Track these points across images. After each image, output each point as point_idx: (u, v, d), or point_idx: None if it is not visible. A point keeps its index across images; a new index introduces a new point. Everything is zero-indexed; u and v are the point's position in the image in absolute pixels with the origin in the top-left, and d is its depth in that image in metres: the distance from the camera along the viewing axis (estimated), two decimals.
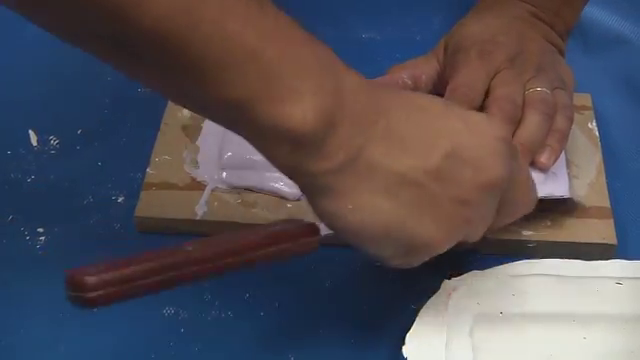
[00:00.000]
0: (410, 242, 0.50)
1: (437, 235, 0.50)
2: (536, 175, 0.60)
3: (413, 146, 0.49)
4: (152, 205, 0.64)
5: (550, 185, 0.62)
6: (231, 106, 0.45)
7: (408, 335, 0.54)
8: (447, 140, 0.50)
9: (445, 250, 0.51)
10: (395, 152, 0.48)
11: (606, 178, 0.66)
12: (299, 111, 0.45)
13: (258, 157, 0.64)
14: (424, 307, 0.55)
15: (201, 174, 0.66)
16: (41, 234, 0.63)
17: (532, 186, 0.56)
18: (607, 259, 0.60)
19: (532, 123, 0.62)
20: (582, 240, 0.63)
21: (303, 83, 0.45)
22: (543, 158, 0.62)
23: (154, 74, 0.45)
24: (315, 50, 0.48)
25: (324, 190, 0.48)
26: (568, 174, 0.64)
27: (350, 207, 0.48)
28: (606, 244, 0.62)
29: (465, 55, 0.65)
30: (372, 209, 0.48)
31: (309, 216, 0.63)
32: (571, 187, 0.63)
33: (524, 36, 0.67)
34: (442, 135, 0.50)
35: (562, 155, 0.64)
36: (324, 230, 0.51)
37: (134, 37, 0.43)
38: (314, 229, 0.51)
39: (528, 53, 0.66)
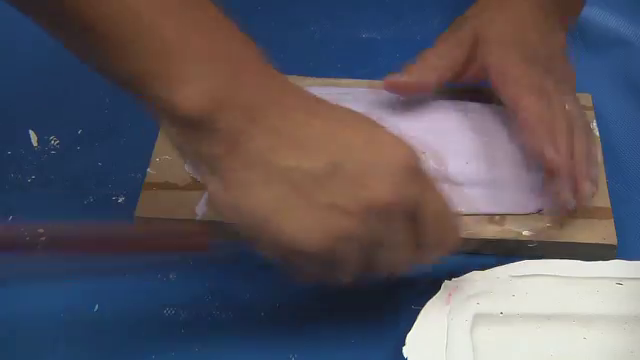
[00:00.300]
0: (277, 236, 0.50)
1: (304, 236, 0.49)
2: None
3: (301, 147, 0.49)
4: (152, 205, 0.64)
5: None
6: (130, 80, 0.47)
7: (408, 335, 0.54)
8: (339, 150, 0.50)
9: (316, 254, 0.50)
10: (281, 149, 0.49)
11: (606, 178, 0.66)
12: (188, 93, 0.47)
13: None
14: (424, 307, 0.55)
15: None
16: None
17: (450, 221, 0.54)
18: (607, 259, 0.60)
19: (577, 152, 0.62)
20: (582, 240, 0.63)
21: (197, 67, 0.47)
22: (588, 189, 0.62)
23: (71, 44, 0.49)
24: (223, 39, 0.49)
25: (208, 170, 0.50)
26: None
27: (229, 190, 0.49)
28: (606, 244, 0.62)
29: (513, 67, 0.64)
30: (248, 196, 0.49)
31: None
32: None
33: (547, 31, 0.66)
34: (336, 144, 0.50)
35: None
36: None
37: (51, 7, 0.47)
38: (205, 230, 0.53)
39: (552, 55, 0.65)
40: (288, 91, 0.51)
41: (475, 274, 0.58)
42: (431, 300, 0.56)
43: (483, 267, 0.58)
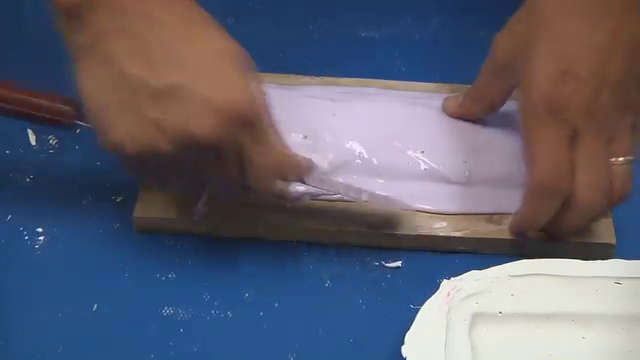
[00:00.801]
0: (105, 132, 0.55)
1: (123, 136, 0.54)
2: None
3: (151, 61, 0.53)
4: (151, 205, 0.64)
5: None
6: None
7: (407, 335, 0.54)
8: (185, 76, 0.53)
9: (130, 158, 0.55)
10: (133, 56, 0.53)
11: None
12: None
13: None
14: (423, 307, 0.55)
15: None
16: (40, 234, 0.63)
17: (274, 171, 0.57)
18: (606, 259, 0.60)
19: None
20: (581, 240, 0.63)
21: None
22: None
23: None
24: None
25: (75, 57, 0.55)
26: None
27: (83, 80, 0.55)
28: (605, 244, 0.62)
29: (534, 110, 0.58)
30: (93, 87, 0.54)
31: (308, 215, 0.63)
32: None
33: (609, 57, 0.57)
34: (184, 70, 0.53)
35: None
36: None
37: None
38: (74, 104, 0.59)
39: (610, 91, 0.57)
40: (163, 4, 0.54)
41: (474, 273, 0.57)
42: (430, 299, 0.56)
43: (482, 266, 0.58)
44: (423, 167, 0.65)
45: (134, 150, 0.54)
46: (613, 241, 0.62)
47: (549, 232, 0.62)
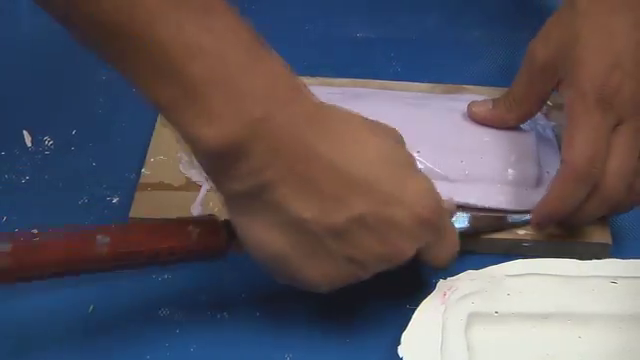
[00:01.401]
0: (292, 276, 0.53)
1: (319, 280, 0.52)
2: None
3: (323, 199, 0.49)
4: (147, 206, 0.64)
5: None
6: (161, 108, 0.48)
7: (404, 335, 0.54)
8: (362, 203, 0.50)
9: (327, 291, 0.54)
10: (302, 198, 0.49)
11: None
12: (211, 132, 0.47)
13: None
14: (419, 307, 0.55)
15: (196, 174, 0.66)
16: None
17: (449, 253, 0.56)
18: (602, 258, 0.60)
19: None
20: (577, 239, 0.63)
21: (224, 106, 0.47)
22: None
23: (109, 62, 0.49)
24: (259, 73, 0.48)
25: (232, 204, 0.51)
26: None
27: (250, 228, 0.51)
28: (601, 243, 0.63)
29: (583, 99, 0.59)
30: (266, 238, 0.51)
31: None
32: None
33: None
34: (359, 196, 0.50)
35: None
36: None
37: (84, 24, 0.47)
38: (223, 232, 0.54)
39: None
40: (316, 127, 0.50)
41: (470, 273, 0.58)
42: (426, 299, 0.56)
43: (478, 266, 0.58)
44: (419, 167, 0.65)
45: (331, 287, 0.53)
46: (609, 241, 0.62)
47: (567, 219, 0.62)
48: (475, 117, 0.67)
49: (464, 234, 0.60)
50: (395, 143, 0.54)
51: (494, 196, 0.64)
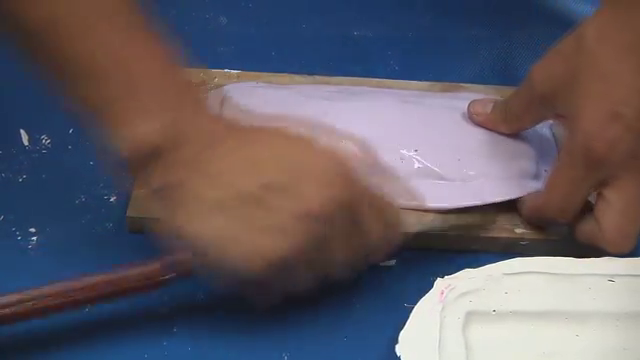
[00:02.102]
0: (221, 265, 0.53)
1: (246, 263, 0.52)
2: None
3: (230, 177, 0.53)
4: (144, 205, 0.63)
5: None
6: (85, 112, 0.54)
7: (401, 333, 0.54)
8: (267, 170, 0.53)
9: (262, 277, 0.53)
10: (206, 181, 0.53)
11: None
12: (128, 132, 0.52)
13: None
14: (417, 305, 0.55)
15: None
16: (33, 234, 0.63)
17: (389, 217, 0.57)
18: (599, 256, 0.60)
19: None
20: (575, 238, 0.63)
21: (139, 112, 0.52)
22: None
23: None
24: (171, 81, 0.54)
25: (159, 204, 0.54)
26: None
27: (176, 220, 0.53)
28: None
29: (571, 147, 0.58)
30: (191, 227, 0.53)
31: None
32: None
33: None
34: (263, 166, 0.53)
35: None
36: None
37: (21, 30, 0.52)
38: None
39: None
40: (218, 123, 0.55)
41: (467, 272, 0.57)
42: (423, 298, 0.56)
43: (475, 265, 0.58)
44: (417, 165, 0.65)
45: (259, 268, 0.53)
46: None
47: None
48: (473, 117, 0.67)
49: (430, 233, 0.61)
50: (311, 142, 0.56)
51: (491, 194, 0.64)
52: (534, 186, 0.63)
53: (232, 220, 0.52)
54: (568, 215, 0.60)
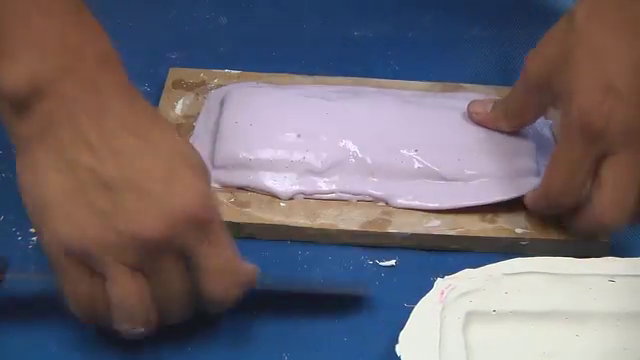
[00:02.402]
0: (49, 225, 0.51)
1: (69, 230, 0.50)
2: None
3: (102, 150, 0.50)
4: None
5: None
6: None
7: (401, 334, 0.54)
8: (137, 171, 0.50)
9: (75, 253, 0.51)
10: (83, 147, 0.50)
11: None
12: (13, 73, 0.50)
13: (251, 156, 0.65)
14: (417, 305, 0.55)
15: None
16: (33, 234, 0.63)
17: (227, 280, 0.53)
18: (600, 256, 0.60)
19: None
20: (575, 237, 0.63)
21: (28, 50, 0.50)
22: None
23: None
24: (70, 28, 0.51)
25: (19, 151, 0.52)
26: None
27: (27, 171, 0.52)
28: (599, 241, 0.63)
29: (567, 125, 0.58)
30: (39, 181, 0.51)
31: (301, 215, 0.63)
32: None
33: None
34: (136, 165, 0.50)
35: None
36: None
37: None
38: None
39: None
40: (116, 97, 0.52)
41: (468, 272, 0.57)
42: (424, 298, 0.56)
43: (476, 265, 0.58)
44: (417, 165, 0.65)
45: (81, 245, 0.50)
46: (607, 238, 0.62)
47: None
48: (473, 117, 0.67)
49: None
50: (188, 150, 0.54)
51: (492, 194, 0.64)
52: (535, 184, 0.63)
53: (79, 188, 0.50)
54: (572, 197, 0.59)
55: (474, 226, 0.63)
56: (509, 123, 0.66)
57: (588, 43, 0.58)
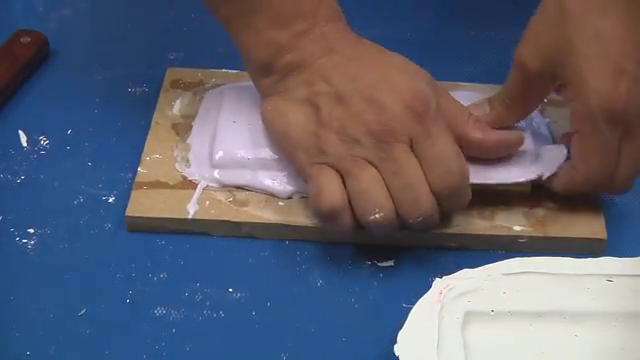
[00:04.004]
0: (283, 138, 0.62)
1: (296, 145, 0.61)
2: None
3: (332, 80, 0.60)
4: (143, 204, 0.63)
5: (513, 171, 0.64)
6: (223, 22, 0.63)
7: (400, 333, 0.54)
8: (366, 79, 0.60)
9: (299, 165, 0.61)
10: (317, 81, 0.61)
11: None
12: (257, 45, 0.62)
13: (249, 155, 0.65)
14: (416, 305, 0.55)
15: (192, 173, 0.66)
16: (31, 235, 0.63)
17: (449, 165, 0.59)
18: (597, 254, 0.60)
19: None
20: (572, 235, 0.63)
21: (268, 25, 0.61)
22: None
23: None
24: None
25: (266, 93, 0.63)
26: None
27: (277, 103, 0.62)
28: (596, 239, 0.63)
29: (587, 112, 0.59)
30: (288, 108, 0.61)
31: (300, 214, 0.63)
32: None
33: None
34: (366, 74, 0.60)
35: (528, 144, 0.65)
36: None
37: None
38: None
39: None
40: (341, 41, 0.62)
41: (466, 272, 0.57)
42: (422, 298, 0.56)
43: (474, 265, 0.58)
44: None
45: (304, 157, 0.61)
46: (604, 236, 0.63)
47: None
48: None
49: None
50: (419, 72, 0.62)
51: (494, 175, 0.63)
52: (535, 171, 0.63)
53: (300, 121, 0.60)
54: (611, 177, 0.61)
55: (472, 224, 0.63)
56: (512, 116, 0.65)
57: (588, 27, 0.59)
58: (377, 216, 0.58)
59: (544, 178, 0.63)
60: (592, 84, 0.58)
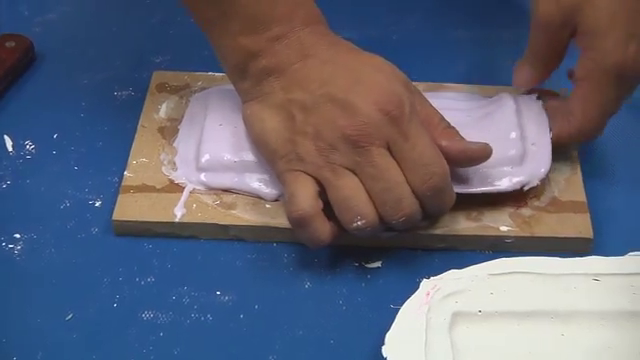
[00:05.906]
0: (261, 144, 0.62)
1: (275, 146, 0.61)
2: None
3: (306, 85, 0.60)
4: (130, 208, 0.63)
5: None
6: (202, 25, 0.63)
7: (388, 335, 0.54)
8: (334, 86, 0.59)
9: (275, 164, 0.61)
10: (291, 87, 0.60)
11: (583, 174, 0.67)
12: (232, 49, 0.62)
13: (236, 158, 0.65)
14: (403, 307, 0.55)
15: (179, 176, 0.66)
16: (18, 240, 0.63)
17: (427, 167, 0.59)
18: (584, 253, 0.60)
19: None
20: (559, 235, 0.63)
21: (243, 30, 0.61)
22: None
23: None
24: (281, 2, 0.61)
25: (245, 98, 0.63)
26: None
27: (254, 109, 0.62)
28: (583, 238, 0.63)
29: (603, 74, 0.62)
30: (264, 114, 0.61)
31: (286, 216, 0.63)
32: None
33: None
34: (333, 84, 0.59)
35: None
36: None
37: None
38: None
39: None
40: (318, 45, 0.61)
41: (453, 273, 0.58)
42: (409, 299, 0.56)
43: (461, 266, 0.58)
44: None
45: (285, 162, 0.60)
46: (590, 235, 0.63)
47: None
48: (520, 84, 0.68)
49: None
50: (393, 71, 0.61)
51: (477, 183, 0.64)
52: (520, 176, 0.63)
53: (277, 126, 0.60)
54: (602, 131, 0.65)
55: (459, 224, 0.63)
56: (544, 72, 0.67)
57: None
58: (359, 223, 0.58)
59: (526, 189, 0.63)
60: (606, 43, 0.61)
